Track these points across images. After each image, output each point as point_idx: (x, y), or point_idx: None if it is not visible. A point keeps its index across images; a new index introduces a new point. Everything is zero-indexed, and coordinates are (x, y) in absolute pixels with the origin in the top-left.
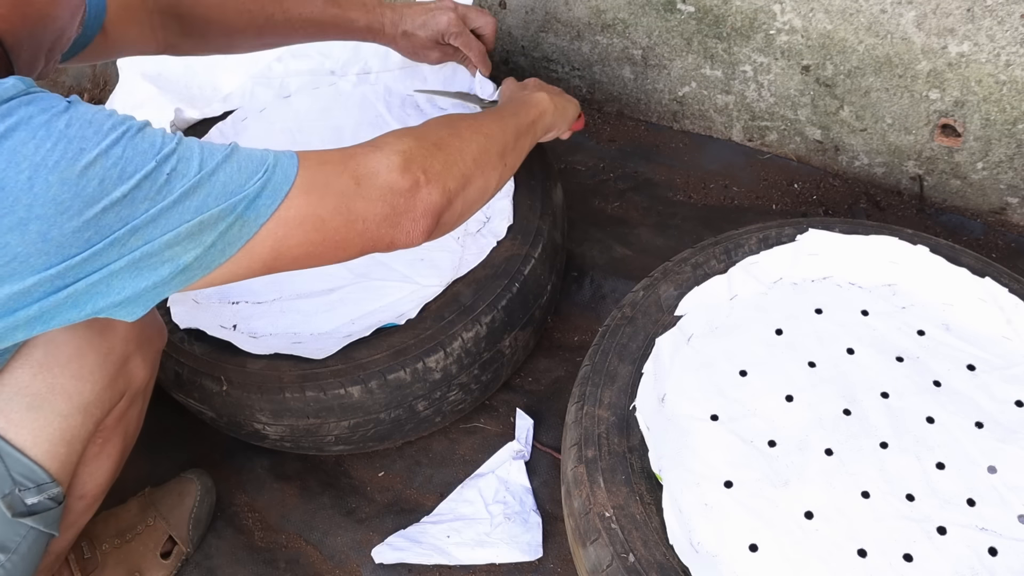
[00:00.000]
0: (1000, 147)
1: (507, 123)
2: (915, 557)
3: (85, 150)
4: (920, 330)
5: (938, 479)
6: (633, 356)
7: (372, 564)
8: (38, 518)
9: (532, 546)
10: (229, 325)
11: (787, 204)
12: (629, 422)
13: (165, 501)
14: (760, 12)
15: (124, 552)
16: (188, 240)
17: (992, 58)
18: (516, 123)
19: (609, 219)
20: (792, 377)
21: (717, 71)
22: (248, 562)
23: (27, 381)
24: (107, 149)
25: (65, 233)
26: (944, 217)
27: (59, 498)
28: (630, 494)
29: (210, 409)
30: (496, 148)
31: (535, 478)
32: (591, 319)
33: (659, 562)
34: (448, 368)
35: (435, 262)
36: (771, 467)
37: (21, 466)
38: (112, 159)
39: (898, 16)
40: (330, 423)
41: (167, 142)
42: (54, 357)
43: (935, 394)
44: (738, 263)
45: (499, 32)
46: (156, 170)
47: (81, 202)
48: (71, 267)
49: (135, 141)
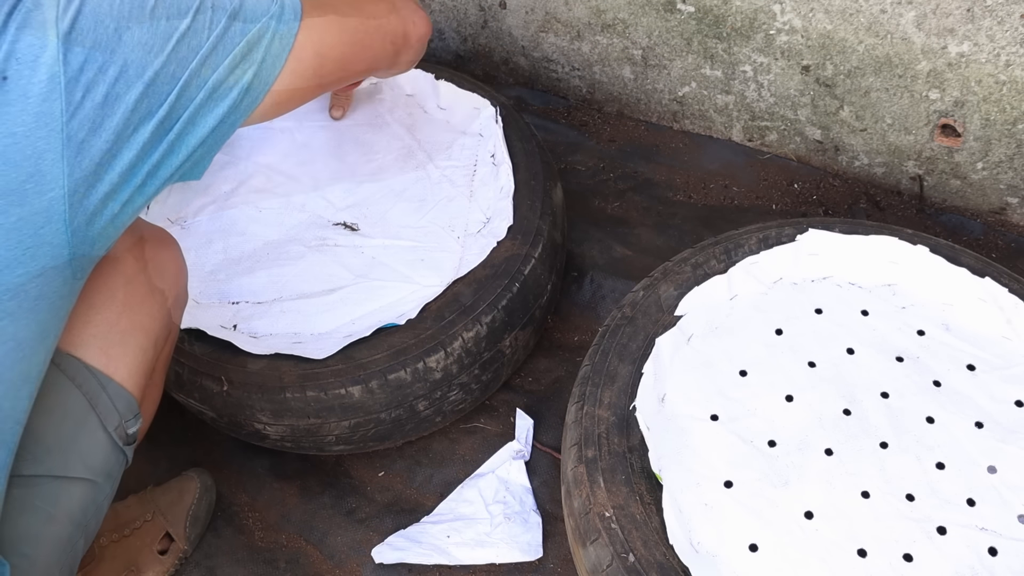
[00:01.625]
0: (1000, 147)
1: None
2: (915, 557)
3: (145, 0)
4: (920, 330)
5: (938, 479)
6: (633, 356)
7: (372, 564)
8: (131, 447)
9: (532, 546)
10: (229, 325)
11: (787, 204)
12: (629, 422)
13: (164, 498)
14: (760, 12)
15: (121, 547)
16: (244, 61)
17: (992, 58)
18: None
19: (609, 219)
20: (792, 377)
21: (717, 71)
22: (248, 562)
23: (115, 319)
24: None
25: (157, 71)
26: (944, 217)
27: None
28: (630, 494)
29: (211, 409)
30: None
31: (535, 478)
32: (591, 319)
33: (659, 562)
34: (448, 368)
35: (435, 262)
36: (771, 467)
37: (123, 399)
38: (167, 1)
39: (898, 16)
40: (331, 423)
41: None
42: (133, 296)
43: (935, 394)
44: (738, 263)
45: (499, 32)
46: (203, 3)
47: (160, 39)
48: (171, 107)
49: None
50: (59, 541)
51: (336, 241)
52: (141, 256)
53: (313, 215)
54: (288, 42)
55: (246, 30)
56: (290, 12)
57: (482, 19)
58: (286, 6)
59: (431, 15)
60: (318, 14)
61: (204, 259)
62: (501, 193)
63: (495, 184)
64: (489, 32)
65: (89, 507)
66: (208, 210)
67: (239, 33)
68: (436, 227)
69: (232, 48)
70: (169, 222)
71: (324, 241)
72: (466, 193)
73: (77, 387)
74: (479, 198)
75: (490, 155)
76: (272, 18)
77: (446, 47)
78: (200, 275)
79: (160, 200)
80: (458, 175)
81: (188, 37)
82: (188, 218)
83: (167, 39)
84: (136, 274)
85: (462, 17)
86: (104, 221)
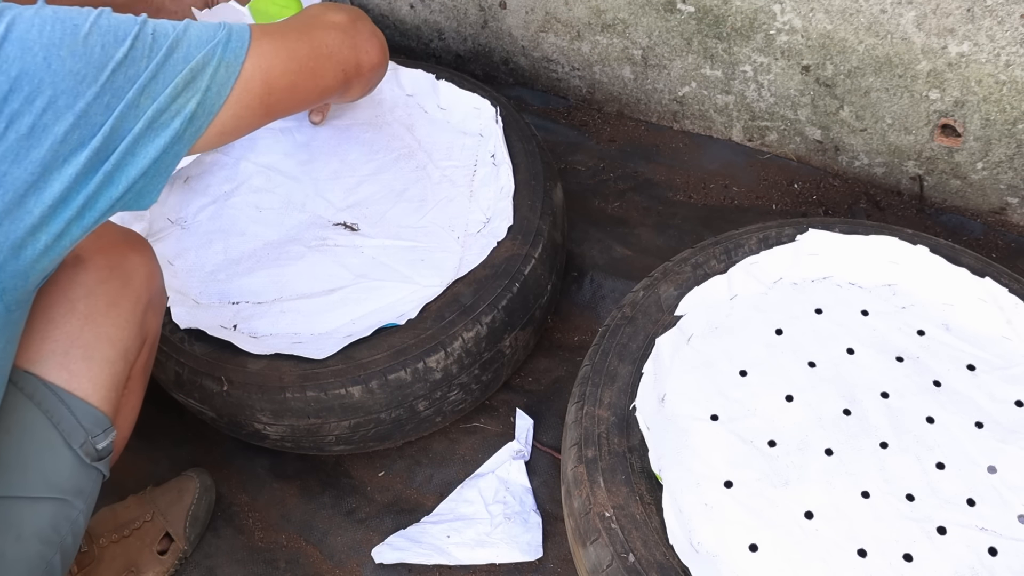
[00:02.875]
0: (1000, 147)
1: None
2: (915, 557)
3: (79, 25)
4: (920, 330)
5: (938, 479)
6: (633, 356)
7: (372, 564)
8: (103, 462)
9: (532, 546)
10: (229, 325)
11: (787, 204)
12: (629, 422)
13: (164, 498)
14: (760, 12)
15: (121, 547)
16: (186, 89)
17: (992, 58)
18: None
19: (609, 219)
20: (792, 377)
21: (717, 71)
22: (248, 562)
23: (77, 333)
24: (95, 20)
25: (89, 102)
26: (944, 217)
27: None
28: (630, 494)
29: (211, 409)
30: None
31: (535, 478)
32: (591, 319)
33: (659, 562)
34: (448, 368)
35: (436, 262)
36: (771, 467)
37: (88, 415)
38: (103, 27)
39: (898, 16)
40: (331, 423)
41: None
42: (95, 307)
43: (935, 394)
44: (738, 263)
45: (499, 32)
46: (142, 31)
47: (93, 68)
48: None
49: (113, 15)
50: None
51: (336, 241)
52: (105, 264)
53: (313, 215)
54: (234, 70)
55: (189, 57)
56: (237, 39)
57: (482, 19)
58: (233, 32)
59: (431, 15)
60: (267, 41)
61: (204, 259)
62: (501, 193)
63: (495, 184)
64: (489, 32)
65: (61, 524)
66: (208, 210)
67: (182, 60)
68: (436, 227)
69: (174, 76)
70: (169, 222)
71: (324, 241)
72: (466, 193)
73: (36, 405)
74: (479, 198)
75: (490, 155)
76: (218, 44)
77: (446, 47)
78: (200, 275)
79: (160, 200)
80: (458, 175)
81: (125, 66)
82: (188, 218)
83: (101, 68)
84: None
85: (462, 17)
86: (34, 253)
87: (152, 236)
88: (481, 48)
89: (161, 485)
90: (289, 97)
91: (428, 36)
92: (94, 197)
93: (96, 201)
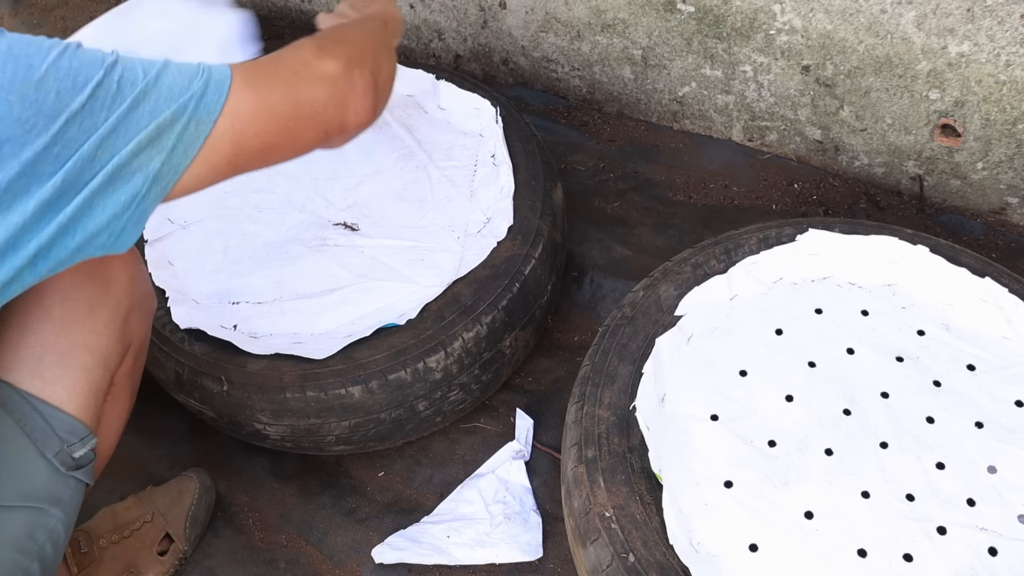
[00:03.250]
0: (1000, 147)
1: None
2: (915, 557)
3: (34, 66)
4: (920, 330)
5: (938, 479)
6: (633, 356)
7: (372, 564)
8: (83, 471)
9: (532, 546)
10: (229, 325)
11: (787, 204)
12: (629, 422)
13: (163, 499)
14: (760, 12)
15: (121, 548)
16: (151, 146)
17: (992, 58)
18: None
19: (609, 219)
20: (792, 377)
21: (717, 71)
22: (248, 562)
23: (52, 340)
24: (55, 62)
25: (38, 151)
26: (944, 217)
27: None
28: (630, 494)
29: (211, 409)
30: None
31: (535, 478)
32: (591, 319)
33: (659, 562)
34: (449, 368)
35: (436, 262)
36: (771, 467)
37: (63, 423)
38: (62, 71)
39: (898, 16)
40: (331, 423)
41: (107, 55)
42: (71, 314)
43: (935, 394)
44: (738, 263)
45: (499, 32)
46: (106, 78)
47: (44, 117)
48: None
49: (78, 54)
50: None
51: (336, 241)
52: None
53: (313, 215)
54: (205, 128)
55: (157, 112)
56: (214, 92)
57: (482, 19)
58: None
59: (431, 15)
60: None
61: (204, 259)
62: (501, 193)
63: (495, 184)
64: (489, 32)
65: (37, 533)
66: (208, 210)
67: (148, 115)
68: (436, 227)
69: (137, 132)
70: (170, 222)
71: (324, 241)
72: (466, 193)
73: (8, 414)
74: (479, 198)
75: (490, 155)
76: (192, 99)
77: (446, 47)
78: (200, 275)
79: None
80: (458, 175)
81: (81, 117)
82: (188, 218)
83: (53, 118)
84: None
85: (462, 17)
86: None
87: (152, 236)
88: (481, 48)
89: (161, 485)
90: (259, 157)
91: (428, 36)
92: (48, 247)
93: (50, 251)
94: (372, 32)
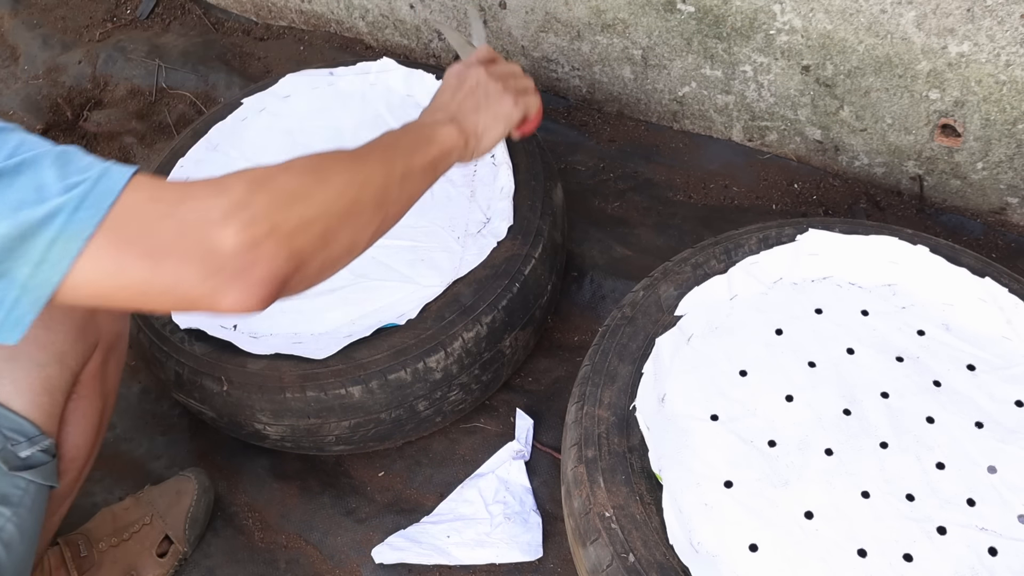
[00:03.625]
0: (1000, 147)
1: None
2: (915, 557)
3: None
4: (920, 330)
5: (938, 479)
6: (633, 356)
7: (372, 564)
8: (35, 472)
9: (532, 546)
10: (229, 325)
11: (787, 204)
12: (629, 422)
13: (162, 500)
14: (760, 12)
15: (121, 551)
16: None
17: (992, 58)
18: (407, 164)
19: (609, 219)
20: (792, 377)
21: (717, 71)
22: (248, 562)
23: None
24: None
25: None
26: (944, 217)
27: (51, 450)
28: (630, 494)
29: (211, 409)
30: (373, 197)
31: (535, 478)
32: (591, 319)
33: (659, 562)
34: (449, 368)
35: (436, 262)
36: (771, 467)
37: (8, 420)
38: None
39: (898, 16)
40: (331, 423)
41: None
42: None
43: (935, 394)
44: (738, 263)
45: (499, 32)
46: None
47: None
48: None
49: None
50: None
51: None
52: None
53: None
54: (66, 259)
55: None
56: (88, 210)
57: (482, 19)
58: (88, 198)
59: (431, 15)
60: (106, 253)
61: None
62: (501, 193)
63: (495, 184)
64: (489, 32)
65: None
66: None
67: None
68: (436, 227)
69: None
70: None
71: None
72: (466, 193)
73: None
74: (479, 198)
75: (490, 155)
76: (62, 211)
77: (446, 47)
78: None
79: None
80: (458, 175)
81: None
82: None
83: None
84: None
85: (462, 17)
86: None
87: None
88: None
89: (158, 485)
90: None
91: (428, 36)
92: None
93: None
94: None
